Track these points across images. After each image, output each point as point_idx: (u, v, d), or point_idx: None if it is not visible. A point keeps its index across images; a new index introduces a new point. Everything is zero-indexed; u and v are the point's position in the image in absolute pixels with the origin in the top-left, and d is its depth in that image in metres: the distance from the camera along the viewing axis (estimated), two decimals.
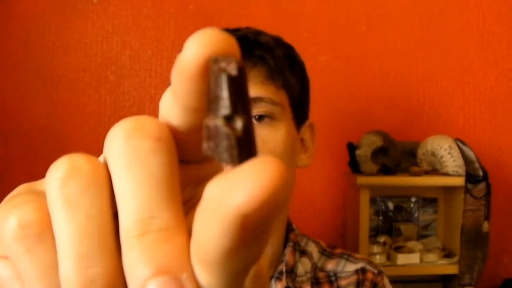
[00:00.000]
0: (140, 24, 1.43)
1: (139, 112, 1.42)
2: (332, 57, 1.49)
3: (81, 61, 1.41)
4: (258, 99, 0.68)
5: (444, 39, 1.54)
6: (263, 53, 0.70)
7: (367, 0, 1.51)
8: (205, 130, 0.16)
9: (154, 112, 1.42)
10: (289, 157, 0.71)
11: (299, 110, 0.75)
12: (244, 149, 0.16)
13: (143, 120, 0.18)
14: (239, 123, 0.15)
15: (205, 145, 0.16)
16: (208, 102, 0.16)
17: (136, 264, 0.16)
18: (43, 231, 0.18)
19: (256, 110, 0.68)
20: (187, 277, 0.16)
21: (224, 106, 0.16)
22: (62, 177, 0.18)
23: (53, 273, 0.18)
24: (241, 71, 0.16)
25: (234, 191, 0.14)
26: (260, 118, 0.69)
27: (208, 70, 0.16)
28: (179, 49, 0.77)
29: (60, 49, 1.40)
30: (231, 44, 0.16)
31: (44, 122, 1.39)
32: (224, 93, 0.15)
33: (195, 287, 0.16)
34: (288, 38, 0.78)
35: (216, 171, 0.21)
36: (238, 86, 0.16)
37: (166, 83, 0.78)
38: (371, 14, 1.51)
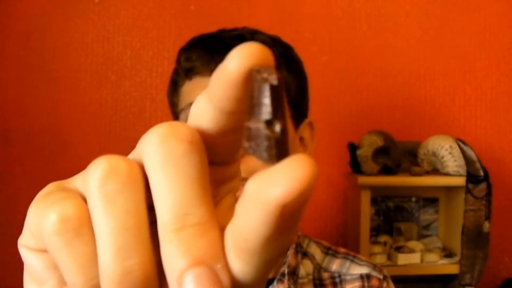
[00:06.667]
0: (141, 24, 1.43)
1: (140, 112, 1.42)
2: (333, 57, 1.49)
3: (82, 61, 1.41)
4: None
5: (445, 39, 1.54)
6: None
7: (367, 0, 1.51)
8: (247, 132, 0.18)
9: (155, 112, 1.42)
10: None
11: (297, 109, 0.75)
12: (281, 149, 0.18)
13: (176, 125, 0.20)
14: (278, 127, 0.18)
15: (246, 145, 0.18)
16: (250, 107, 0.18)
17: (174, 256, 0.18)
18: (82, 225, 0.19)
19: None
20: (221, 267, 0.18)
21: (266, 111, 0.18)
22: (101, 177, 0.19)
23: (90, 265, 0.19)
24: (280, 81, 0.18)
25: (274, 184, 0.16)
26: None
27: (249, 79, 0.18)
28: (180, 49, 0.76)
29: (61, 49, 1.40)
30: (269, 57, 0.18)
31: (45, 122, 1.39)
32: (266, 100, 0.18)
33: (229, 276, 0.18)
34: (289, 38, 0.78)
35: (236, 173, 0.23)
36: (277, 94, 0.18)
37: (167, 83, 0.78)
38: (371, 14, 1.51)
